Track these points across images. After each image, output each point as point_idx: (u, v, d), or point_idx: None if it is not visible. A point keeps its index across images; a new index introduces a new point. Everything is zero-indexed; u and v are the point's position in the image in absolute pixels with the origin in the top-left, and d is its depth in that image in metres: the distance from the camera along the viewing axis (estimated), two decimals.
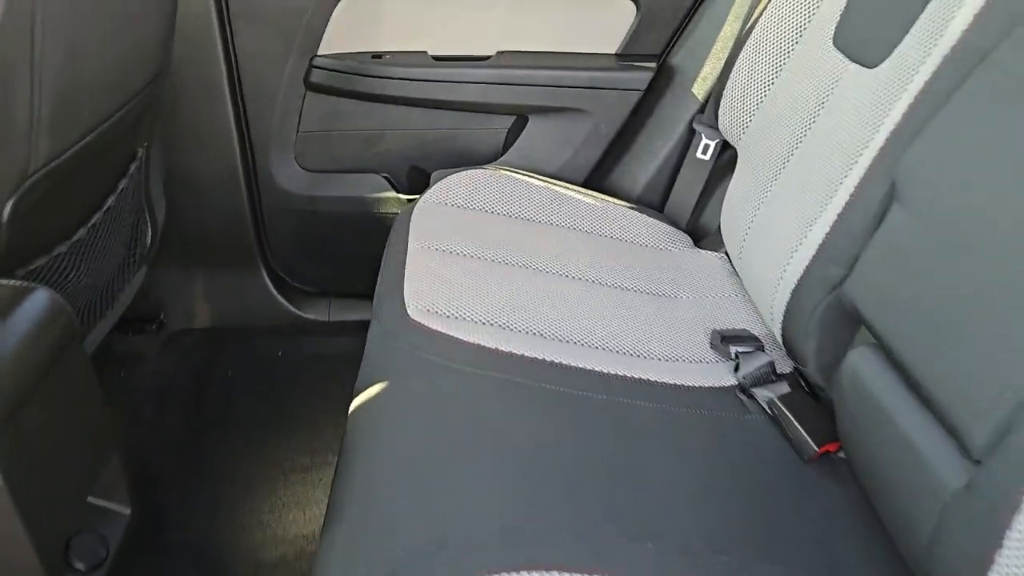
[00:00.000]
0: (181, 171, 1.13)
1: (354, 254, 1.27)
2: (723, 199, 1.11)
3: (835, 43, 0.82)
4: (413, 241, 0.92)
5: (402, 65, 1.11)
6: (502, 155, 1.20)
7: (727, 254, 1.02)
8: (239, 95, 1.10)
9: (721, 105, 1.00)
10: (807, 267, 0.74)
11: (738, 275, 0.95)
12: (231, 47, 1.06)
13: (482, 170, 1.06)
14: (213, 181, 1.15)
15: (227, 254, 1.24)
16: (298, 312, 1.30)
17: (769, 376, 0.80)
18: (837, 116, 0.79)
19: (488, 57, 1.14)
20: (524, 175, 1.07)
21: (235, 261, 1.25)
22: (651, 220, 1.07)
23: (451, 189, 1.02)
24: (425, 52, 1.14)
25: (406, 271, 0.86)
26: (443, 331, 0.75)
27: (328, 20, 1.07)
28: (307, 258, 1.28)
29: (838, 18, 0.83)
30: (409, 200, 1.20)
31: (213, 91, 1.07)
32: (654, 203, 1.21)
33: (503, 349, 0.74)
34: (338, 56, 1.11)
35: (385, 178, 1.20)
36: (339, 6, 1.06)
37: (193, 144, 1.11)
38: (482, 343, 0.74)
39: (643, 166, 1.19)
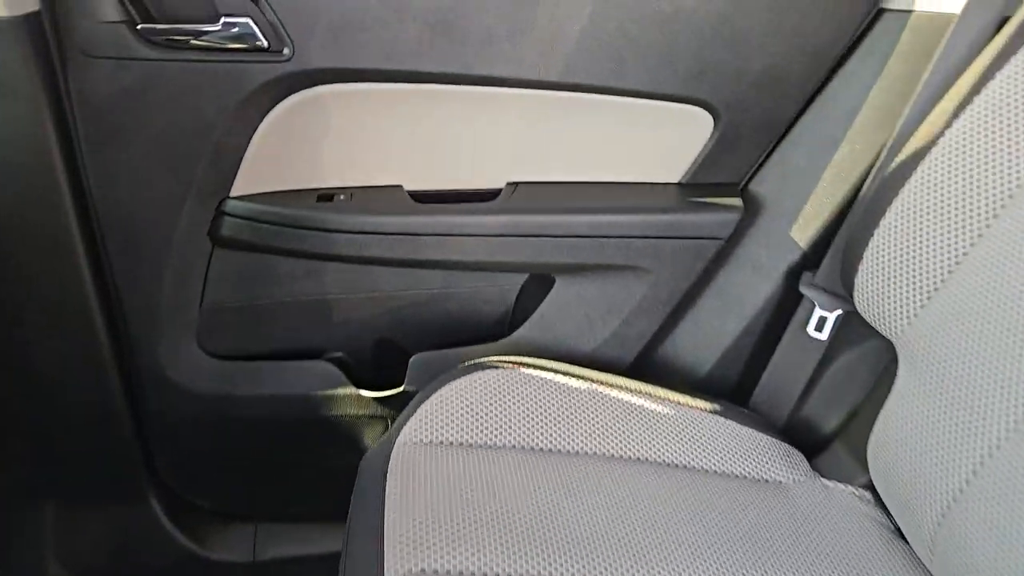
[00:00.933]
0: (23, 361, 0.72)
1: (292, 471, 0.86)
2: (832, 389, 0.76)
3: None
4: (392, 510, 0.53)
5: (365, 212, 0.72)
6: (513, 324, 0.82)
7: (870, 491, 0.66)
8: (102, 254, 0.71)
9: (858, 269, 0.65)
10: None
11: (902, 537, 0.59)
12: (86, 186, 0.67)
13: (493, 370, 0.68)
14: (69, 376, 0.74)
15: (98, 478, 0.82)
16: (207, 553, 0.87)
17: None
18: None
19: (496, 193, 0.76)
20: (557, 373, 0.70)
21: (111, 487, 0.83)
22: (745, 431, 0.70)
23: (444, 409, 0.63)
24: (400, 187, 0.76)
25: (387, 560, 0.49)
26: None
27: (247, 145, 0.70)
28: (219, 477, 0.86)
29: None
30: (376, 398, 0.81)
31: (58, 250, 0.68)
32: (727, 390, 0.84)
33: None
34: (263, 198, 0.72)
35: (337, 364, 0.80)
36: (265, 125, 0.69)
37: (37, 324, 0.71)
38: None
39: (717, 339, 0.82)
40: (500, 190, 0.76)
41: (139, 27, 0.62)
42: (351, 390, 0.79)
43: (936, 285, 0.58)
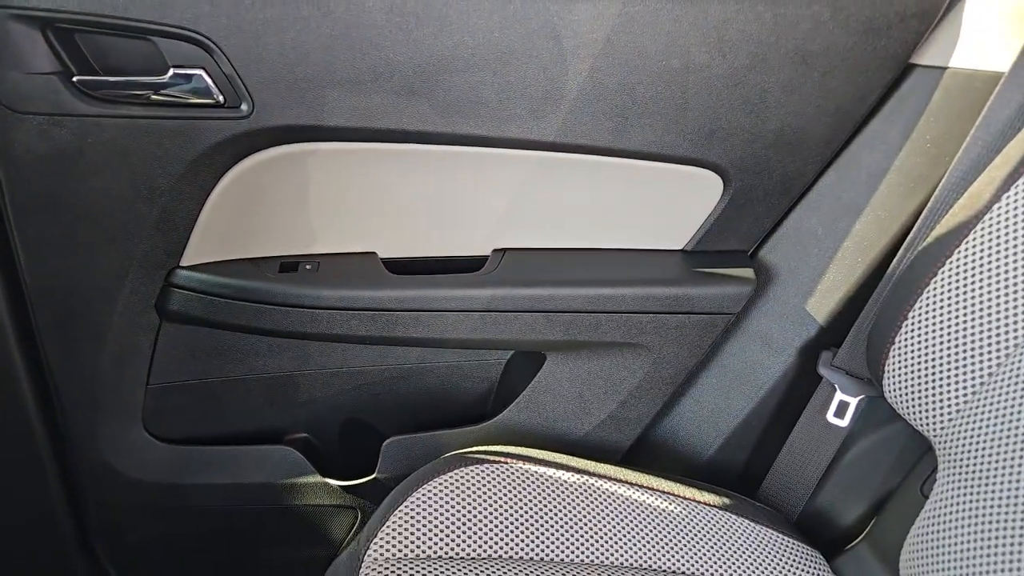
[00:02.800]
0: None
1: (251, 565, 0.76)
2: (853, 478, 0.70)
3: None
4: None
5: (333, 285, 0.64)
6: (497, 404, 0.74)
7: None
8: (35, 333, 0.62)
9: (887, 354, 0.58)
10: None
11: None
12: (15, 256, 0.59)
13: (476, 465, 0.60)
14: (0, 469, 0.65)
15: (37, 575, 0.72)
16: None
17: None
18: None
19: (481, 261, 0.69)
20: (549, 466, 0.62)
21: None
22: (757, 530, 0.62)
23: (420, 515, 0.55)
24: (373, 254, 0.68)
25: None
26: None
27: (199, 211, 0.62)
28: (169, 570, 0.77)
29: None
30: (344, 487, 0.72)
31: None
32: (732, 477, 0.76)
33: None
34: (218, 268, 0.64)
35: (302, 448, 0.71)
36: (219, 188, 0.62)
37: None
38: None
39: (721, 421, 0.75)
40: (485, 258, 0.69)
41: (75, 79, 0.55)
42: (316, 478, 0.70)
43: (982, 378, 0.50)
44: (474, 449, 0.63)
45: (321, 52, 0.55)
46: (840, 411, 0.67)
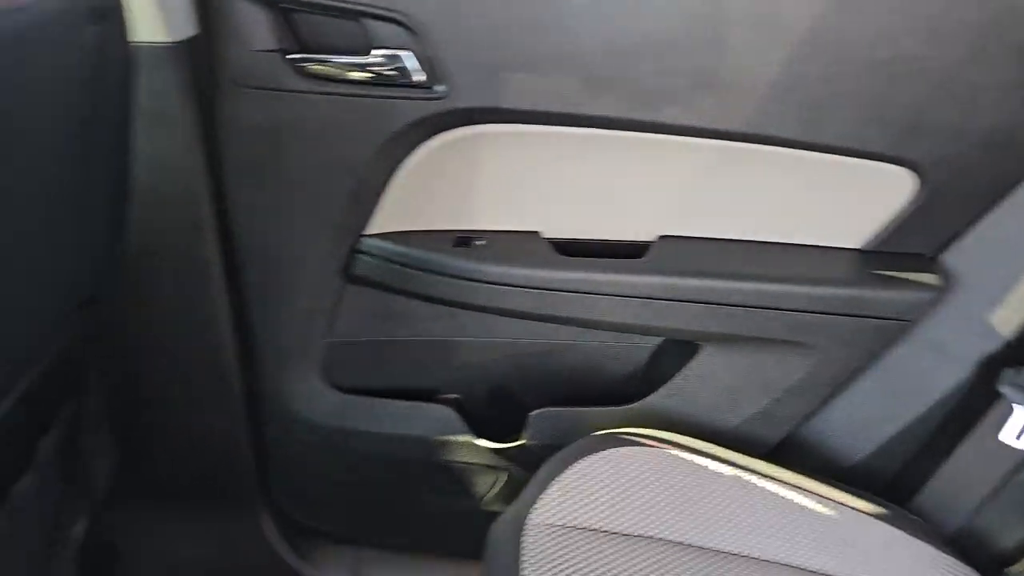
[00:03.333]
0: (154, 376, 0.72)
1: (401, 505, 0.83)
2: (1020, 502, 0.65)
3: None
4: None
5: (503, 262, 0.66)
6: (644, 387, 0.75)
7: None
8: (241, 284, 0.69)
9: None
10: None
11: None
12: (230, 216, 0.66)
13: (632, 446, 0.62)
14: (195, 397, 0.74)
15: (215, 492, 0.83)
16: (310, 571, 0.87)
17: None
18: None
19: (645, 247, 0.69)
20: (703, 456, 0.62)
21: (226, 502, 0.83)
22: (915, 544, 0.60)
23: (580, 487, 0.58)
24: (537, 234, 0.70)
25: None
26: None
27: (388, 183, 0.65)
28: (330, 502, 0.85)
29: None
30: (492, 449, 0.76)
31: (198, 277, 0.66)
32: (879, 485, 0.74)
33: None
34: (399, 237, 0.68)
35: (454, 408, 0.76)
36: (409, 163, 0.65)
37: (170, 345, 0.71)
38: None
39: (877, 427, 0.72)
40: (649, 244, 0.69)
41: (290, 56, 0.59)
42: (467, 437, 0.75)
43: None
44: (628, 431, 0.65)
45: (520, 36, 0.56)
46: (1017, 431, 0.63)
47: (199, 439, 0.78)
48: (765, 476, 0.63)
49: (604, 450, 0.61)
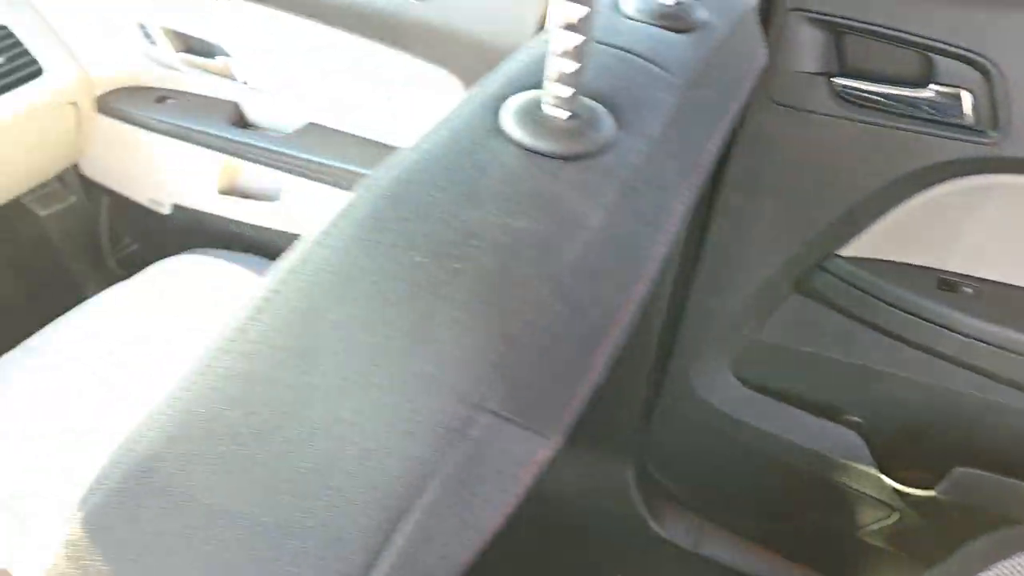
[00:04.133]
0: None
1: (773, 506, 0.87)
2: None
3: None
4: None
5: (994, 321, 0.62)
6: None
7: None
8: (687, 273, 0.76)
9: None
10: None
11: None
12: (700, 212, 0.71)
13: None
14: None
15: (594, 430, 0.95)
16: (657, 529, 0.96)
17: None
18: None
19: None
20: None
21: (599, 440, 0.95)
22: None
23: None
24: None
25: None
26: None
27: (881, 216, 0.64)
28: (698, 477, 0.92)
29: None
30: (899, 491, 0.74)
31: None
32: None
33: None
34: (874, 265, 0.67)
35: (859, 433, 0.76)
36: (919, 198, 0.63)
37: None
38: None
39: None
40: None
41: (834, 81, 0.61)
42: (871, 469, 0.75)
43: None
44: None
45: None
46: None
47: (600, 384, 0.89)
48: None
49: None
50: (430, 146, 0.29)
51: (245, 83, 0.89)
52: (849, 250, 0.68)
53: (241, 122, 0.93)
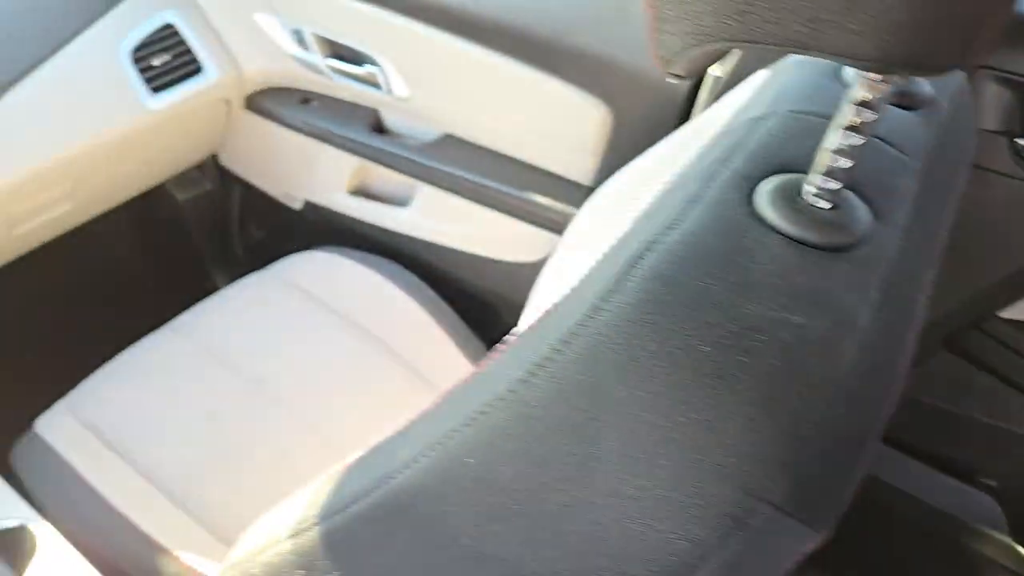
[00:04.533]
0: None
1: (903, 565, 0.85)
2: None
3: None
4: None
5: None
6: None
7: None
8: None
9: None
10: None
11: None
12: None
13: None
14: None
15: None
16: None
17: None
18: None
19: None
20: None
21: None
22: None
23: None
24: None
25: None
26: None
27: None
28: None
29: None
30: None
31: None
32: None
33: None
34: None
35: (994, 497, 0.73)
36: None
37: None
38: None
39: None
40: None
41: (1016, 141, 0.59)
42: (1006, 537, 0.72)
43: None
44: None
45: None
46: None
47: None
48: None
49: None
50: (690, 226, 0.30)
51: (390, 92, 0.92)
52: (1009, 312, 0.66)
53: (379, 128, 0.96)
